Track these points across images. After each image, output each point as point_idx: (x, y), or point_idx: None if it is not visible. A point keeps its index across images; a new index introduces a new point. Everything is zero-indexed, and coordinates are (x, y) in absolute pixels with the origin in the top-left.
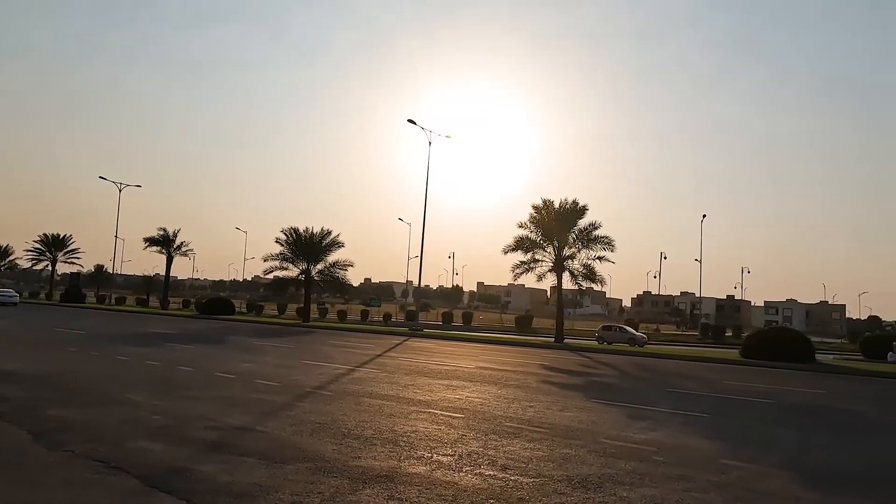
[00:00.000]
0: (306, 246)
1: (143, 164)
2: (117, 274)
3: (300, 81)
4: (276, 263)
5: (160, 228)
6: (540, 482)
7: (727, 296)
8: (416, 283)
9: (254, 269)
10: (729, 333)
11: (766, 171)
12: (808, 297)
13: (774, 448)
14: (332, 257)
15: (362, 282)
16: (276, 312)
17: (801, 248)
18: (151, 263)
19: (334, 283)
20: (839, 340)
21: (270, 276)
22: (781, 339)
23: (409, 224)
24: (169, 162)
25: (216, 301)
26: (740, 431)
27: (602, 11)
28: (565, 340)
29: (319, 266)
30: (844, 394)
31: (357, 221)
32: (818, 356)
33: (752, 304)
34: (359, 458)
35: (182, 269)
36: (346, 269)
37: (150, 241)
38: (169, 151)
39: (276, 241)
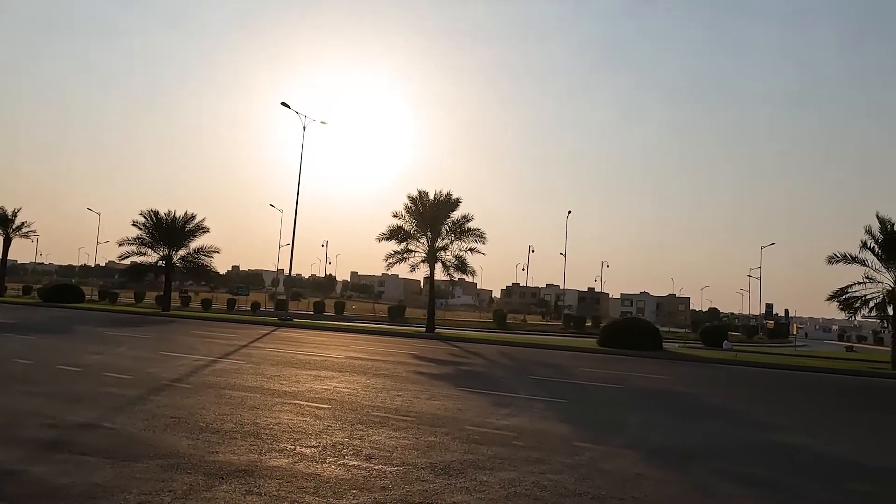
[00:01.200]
0: (168, 230)
1: None
2: None
3: (171, 55)
4: (134, 248)
5: None
6: (404, 470)
7: (588, 288)
8: (287, 271)
9: (108, 253)
10: (589, 323)
11: (628, 173)
12: (659, 290)
13: (622, 430)
14: (197, 243)
15: (230, 269)
16: (132, 301)
17: (655, 244)
18: None
19: (198, 271)
20: (684, 330)
21: (127, 261)
22: (633, 329)
23: (282, 211)
24: (13, 135)
25: (62, 287)
26: (593, 415)
27: (484, 11)
28: (437, 330)
29: (182, 252)
30: (685, 379)
31: (226, 206)
32: (665, 344)
33: (611, 296)
34: (216, 452)
35: (24, 253)
36: (211, 256)
37: None
38: (20, 124)
39: (134, 225)
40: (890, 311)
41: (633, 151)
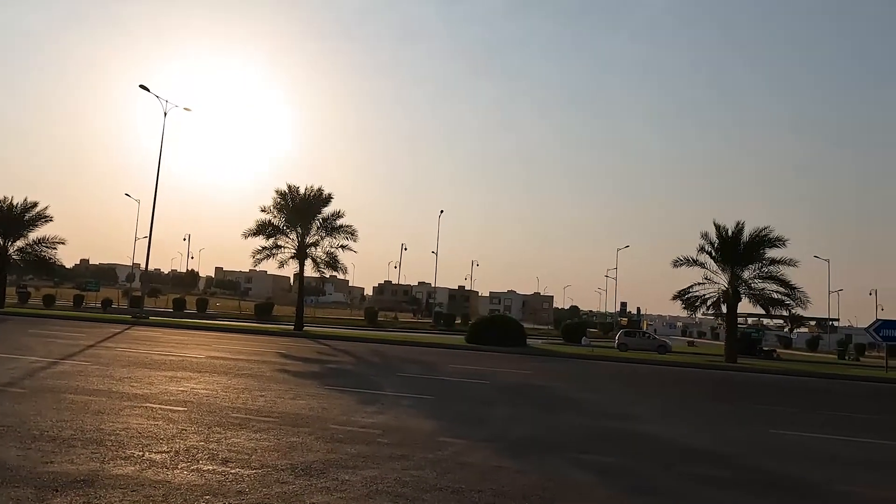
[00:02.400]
0: (2, 219)
1: None
2: None
3: (15, 28)
4: None
5: None
6: (262, 473)
7: (459, 286)
8: (143, 265)
9: None
10: (459, 321)
11: (499, 174)
12: (525, 288)
13: (486, 424)
14: (38, 233)
15: (78, 263)
16: None
17: (522, 244)
18: None
19: (39, 264)
20: (547, 327)
21: None
22: (499, 326)
23: (139, 201)
24: None
25: None
26: (458, 411)
27: (362, 7)
28: (306, 328)
29: (20, 243)
30: (546, 373)
31: (76, 195)
32: (529, 341)
33: (480, 294)
34: (51, 462)
35: None
36: (55, 248)
37: None
38: None
39: None
40: (724, 308)
41: (503, 155)
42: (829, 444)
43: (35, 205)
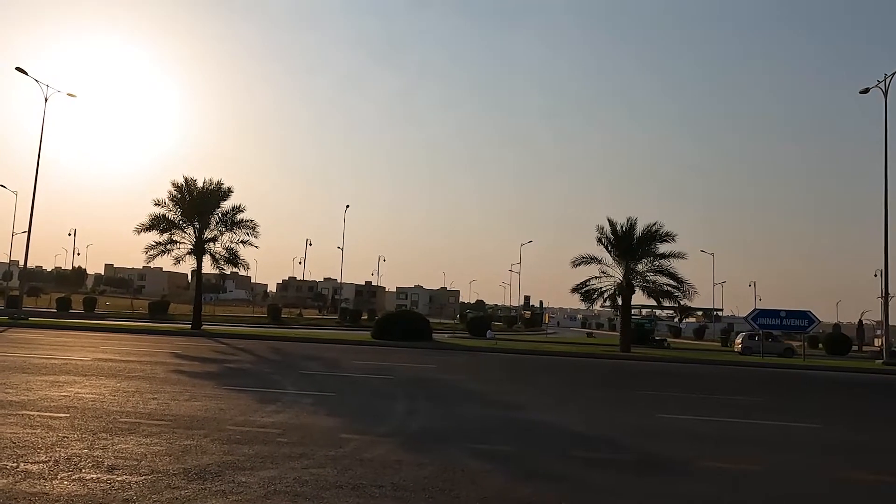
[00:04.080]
0: None
1: None
2: None
3: None
4: None
5: None
6: (152, 479)
7: (366, 282)
8: (22, 262)
9: None
10: (365, 316)
11: (405, 169)
12: (432, 283)
13: (387, 419)
14: None
15: None
16: None
17: (428, 240)
18: None
19: None
20: (453, 321)
21: None
22: (404, 321)
23: (16, 193)
24: None
25: None
26: (360, 406)
27: None
28: (204, 327)
29: None
30: (449, 367)
31: None
32: (435, 335)
33: (387, 289)
34: None
35: None
36: None
37: None
38: None
39: None
40: (619, 300)
41: (408, 148)
42: (706, 425)
43: None
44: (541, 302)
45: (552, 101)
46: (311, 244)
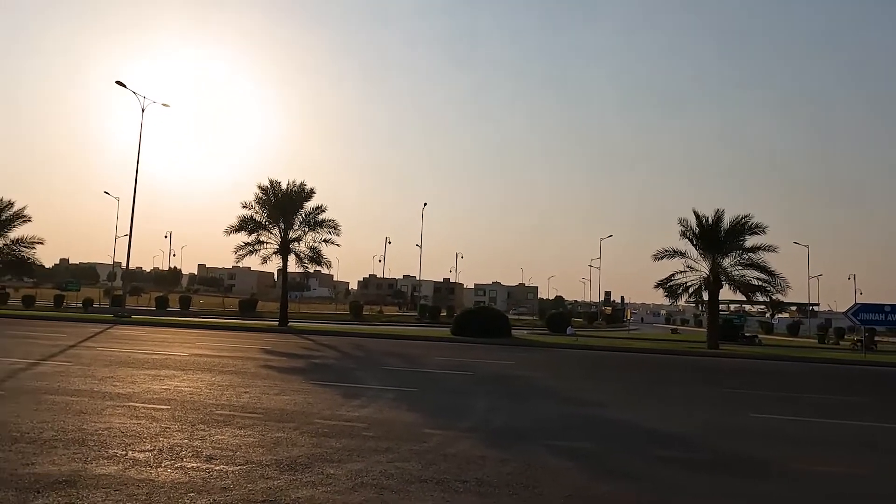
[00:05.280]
0: None
1: None
2: None
3: None
4: None
5: None
6: (247, 469)
7: (444, 279)
8: (125, 264)
9: None
10: (444, 313)
11: (482, 166)
12: (510, 279)
13: (468, 415)
14: (16, 233)
15: (57, 263)
16: None
17: (506, 236)
18: None
19: (17, 264)
20: (532, 317)
21: None
22: (484, 317)
23: (118, 199)
24: None
25: None
26: (441, 402)
27: None
28: (290, 324)
29: None
30: (529, 363)
31: (53, 193)
32: (514, 331)
33: (465, 286)
34: (32, 464)
35: None
36: (33, 248)
37: None
38: None
39: None
40: (705, 296)
41: (485, 145)
42: (795, 425)
43: (12, 204)
44: (622, 298)
45: (627, 91)
46: (390, 242)
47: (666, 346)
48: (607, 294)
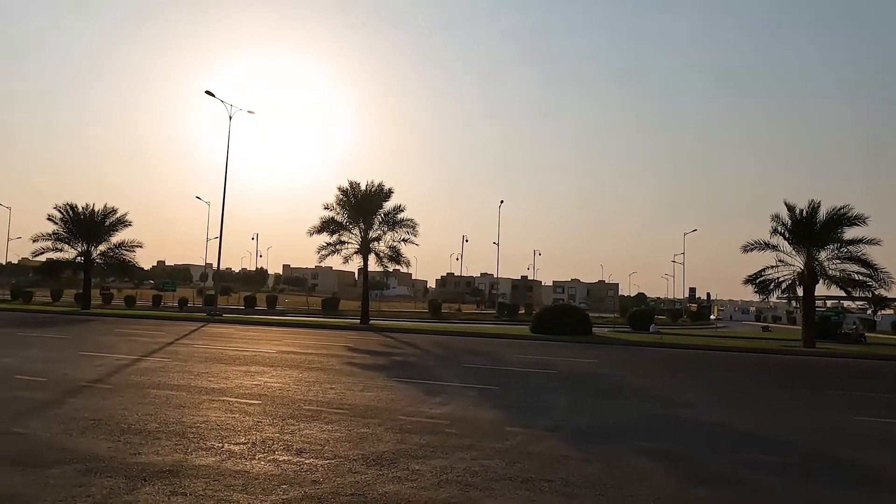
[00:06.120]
0: (86, 225)
1: None
2: None
3: (83, 41)
4: (49, 244)
5: None
6: (335, 463)
7: (522, 276)
8: (215, 265)
9: (20, 250)
10: (522, 311)
11: (558, 162)
12: (589, 276)
13: (550, 413)
14: (118, 237)
15: (155, 265)
16: (48, 299)
17: (585, 232)
18: None
19: (120, 266)
20: (613, 315)
21: (41, 258)
22: (564, 315)
23: (208, 203)
24: None
25: None
26: (523, 400)
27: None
28: (371, 322)
29: (102, 247)
30: (611, 362)
31: (150, 199)
32: (595, 329)
33: (543, 283)
34: (139, 454)
35: None
36: (133, 251)
37: None
38: None
39: (50, 219)
40: (800, 291)
41: (561, 140)
42: None
43: (115, 210)
44: (708, 294)
45: (708, 80)
46: (467, 241)
47: (757, 345)
48: (692, 290)
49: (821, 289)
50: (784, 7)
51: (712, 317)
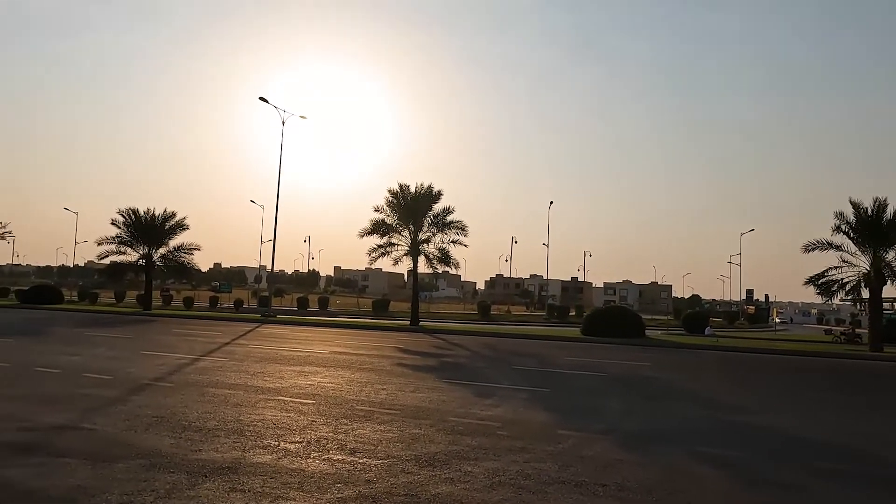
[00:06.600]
0: (147, 228)
1: None
2: None
3: (140, 49)
4: (113, 247)
5: None
6: (388, 463)
7: (572, 278)
8: (269, 267)
9: (86, 253)
10: (572, 313)
11: (608, 162)
12: (641, 278)
13: (604, 416)
14: (177, 241)
15: (211, 267)
16: (112, 301)
17: (636, 233)
18: None
19: (179, 269)
20: (666, 317)
21: (106, 261)
22: (616, 317)
23: (262, 207)
24: None
25: (41, 289)
26: (575, 403)
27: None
28: (421, 323)
29: (162, 250)
30: (665, 365)
31: (206, 203)
32: (648, 331)
33: (594, 285)
34: (199, 450)
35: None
36: (192, 254)
37: None
38: None
39: (113, 223)
40: (866, 293)
41: (611, 140)
42: None
43: (174, 214)
44: (766, 296)
45: (759, 77)
46: (516, 242)
47: (818, 349)
48: (749, 292)
49: (889, 290)
50: (834, 3)
51: (777, 319)
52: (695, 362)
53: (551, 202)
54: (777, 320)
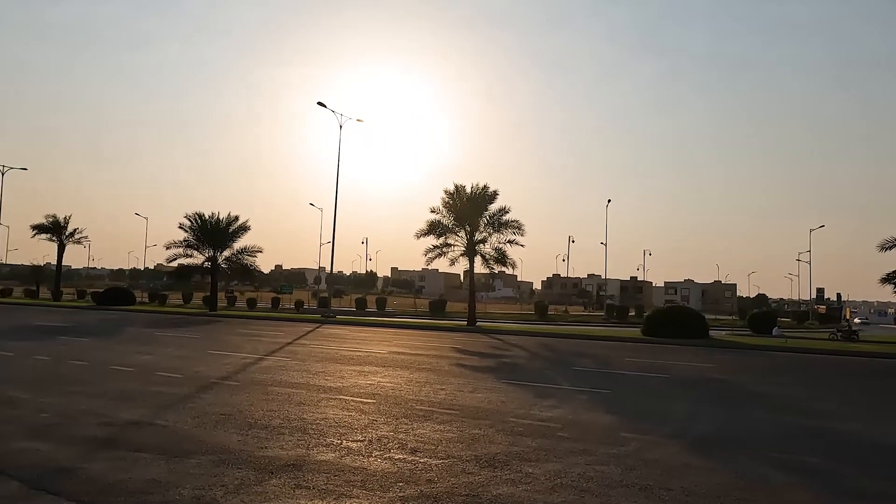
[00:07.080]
0: (212, 232)
1: (29, 145)
2: (2, 264)
3: (205, 59)
4: (180, 251)
5: (48, 215)
6: (449, 463)
7: (630, 277)
8: (328, 269)
9: (156, 256)
10: (632, 313)
11: (667, 159)
12: (704, 277)
13: (667, 419)
14: (240, 243)
15: (273, 269)
16: (180, 302)
17: (698, 231)
18: (41, 252)
19: (242, 271)
20: (731, 317)
21: (174, 263)
22: (678, 317)
23: (321, 209)
24: (59, 143)
25: (115, 291)
26: (637, 405)
27: (510, 0)
28: (478, 323)
29: (226, 253)
30: (731, 367)
31: (267, 206)
32: (711, 332)
33: (654, 284)
34: (265, 448)
35: (77, 258)
36: (254, 256)
37: (39, 229)
38: (60, 132)
39: (180, 227)
40: None
41: (670, 136)
42: None
43: (237, 218)
44: (838, 295)
45: (827, 70)
46: (573, 241)
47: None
48: (819, 291)
49: None
50: None
51: (857, 320)
52: (763, 364)
53: (609, 200)
54: (857, 321)
